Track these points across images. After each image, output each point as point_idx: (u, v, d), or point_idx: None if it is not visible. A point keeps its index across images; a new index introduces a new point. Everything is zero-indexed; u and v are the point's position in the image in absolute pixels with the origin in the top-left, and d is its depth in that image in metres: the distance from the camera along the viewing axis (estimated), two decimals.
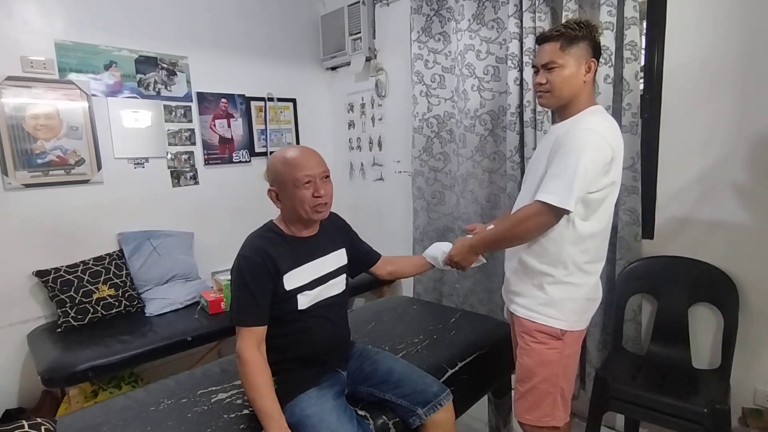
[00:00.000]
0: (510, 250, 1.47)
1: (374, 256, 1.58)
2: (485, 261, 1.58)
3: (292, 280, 1.27)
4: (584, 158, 1.21)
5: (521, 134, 2.13)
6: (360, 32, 2.91)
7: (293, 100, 3.25)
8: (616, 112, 1.82)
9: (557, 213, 1.25)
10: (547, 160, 1.29)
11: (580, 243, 1.31)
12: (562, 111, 1.36)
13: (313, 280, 1.32)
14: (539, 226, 1.28)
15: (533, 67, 1.41)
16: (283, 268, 1.26)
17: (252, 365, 1.18)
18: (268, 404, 1.16)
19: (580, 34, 1.29)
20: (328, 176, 1.30)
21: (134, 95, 2.53)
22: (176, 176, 2.72)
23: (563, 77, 1.30)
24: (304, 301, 1.30)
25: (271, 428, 1.14)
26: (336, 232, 1.45)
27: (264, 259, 1.23)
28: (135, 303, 2.38)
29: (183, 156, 2.74)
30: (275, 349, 1.29)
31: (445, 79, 2.51)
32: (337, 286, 1.40)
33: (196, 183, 2.81)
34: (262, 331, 1.24)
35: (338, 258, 1.42)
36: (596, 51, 1.33)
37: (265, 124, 3.11)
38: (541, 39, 1.36)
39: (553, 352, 1.36)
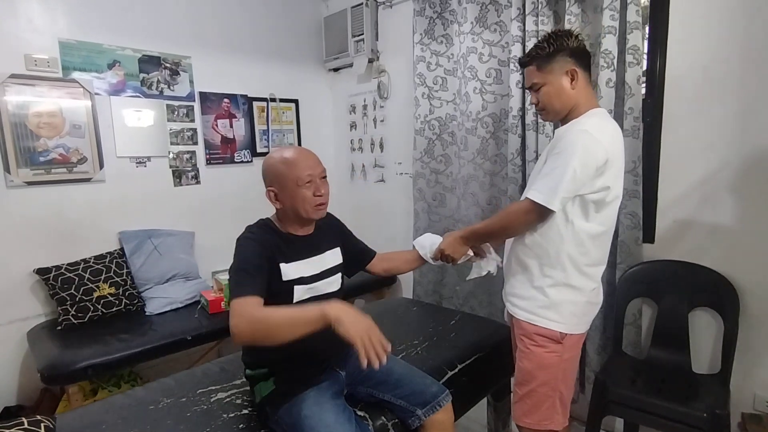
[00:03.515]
0: (509, 251, 1.48)
1: (369, 254, 1.58)
2: (476, 259, 1.58)
3: (287, 271, 1.27)
4: (574, 160, 1.22)
5: (523, 137, 2.13)
6: (363, 34, 2.91)
7: (295, 101, 3.26)
8: (618, 116, 1.82)
9: (542, 211, 1.27)
10: (545, 160, 1.32)
11: (580, 244, 1.31)
12: (564, 119, 1.38)
13: (309, 276, 1.32)
14: (525, 222, 1.32)
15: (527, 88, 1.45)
16: (278, 257, 1.26)
17: (261, 314, 1.09)
18: (294, 311, 1.08)
19: (551, 50, 1.31)
20: (325, 176, 1.32)
21: (137, 94, 2.54)
22: (178, 176, 2.73)
23: (548, 94, 1.34)
24: (300, 293, 1.29)
25: (323, 312, 1.04)
26: (330, 232, 1.45)
27: (263, 239, 1.25)
28: (135, 302, 2.39)
29: (185, 155, 2.74)
30: (273, 349, 1.28)
31: (447, 82, 2.51)
32: (333, 284, 1.40)
33: (198, 182, 2.81)
34: (260, 301, 1.15)
35: (333, 257, 1.42)
36: (578, 56, 1.32)
37: (267, 124, 3.11)
38: (521, 65, 1.42)
39: (552, 355, 1.36)
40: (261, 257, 1.22)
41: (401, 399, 1.33)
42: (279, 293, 1.26)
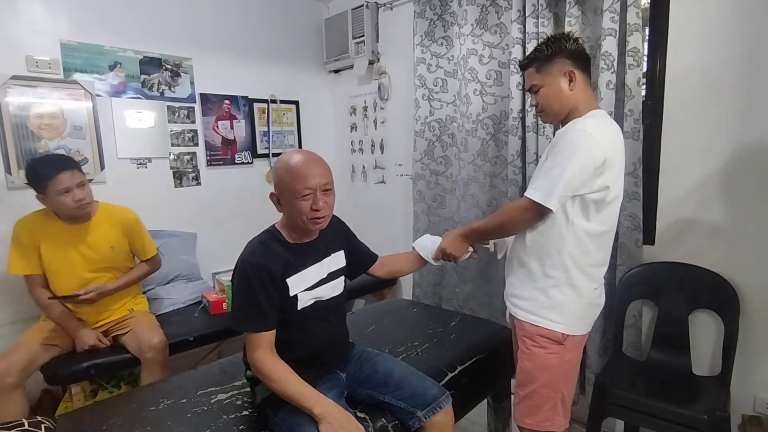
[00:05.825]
0: (511, 252, 1.48)
1: (372, 258, 1.58)
2: (477, 255, 1.60)
3: (295, 284, 1.28)
4: (572, 159, 1.23)
5: (523, 139, 2.13)
6: (363, 36, 2.92)
7: (296, 103, 3.26)
8: (618, 118, 1.82)
9: (539, 210, 1.28)
10: (545, 159, 1.33)
11: (581, 244, 1.31)
12: (563, 120, 1.39)
13: (314, 283, 1.32)
14: (523, 219, 1.33)
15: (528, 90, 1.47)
16: (286, 273, 1.26)
17: (270, 371, 1.21)
18: (299, 388, 1.20)
19: (549, 52, 1.34)
20: (329, 189, 1.26)
21: (138, 96, 2.54)
22: (179, 177, 2.73)
23: (547, 96, 1.36)
24: (304, 301, 1.30)
25: (313, 406, 1.17)
26: (335, 235, 1.45)
27: (270, 264, 1.23)
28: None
29: (186, 157, 2.75)
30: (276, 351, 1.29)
31: (448, 83, 2.52)
32: (336, 287, 1.41)
33: (198, 184, 2.81)
34: (271, 335, 1.25)
35: (337, 260, 1.42)
36: (576, 59, 1.34)
37: (268, 125, 3.12)
38: (521, 68, 1.43)
39: (553, 356, 1.36)
40: (270, 282, 1.22)
41: (401, 400, 1.33)
42: (285, 306, 1.27)
